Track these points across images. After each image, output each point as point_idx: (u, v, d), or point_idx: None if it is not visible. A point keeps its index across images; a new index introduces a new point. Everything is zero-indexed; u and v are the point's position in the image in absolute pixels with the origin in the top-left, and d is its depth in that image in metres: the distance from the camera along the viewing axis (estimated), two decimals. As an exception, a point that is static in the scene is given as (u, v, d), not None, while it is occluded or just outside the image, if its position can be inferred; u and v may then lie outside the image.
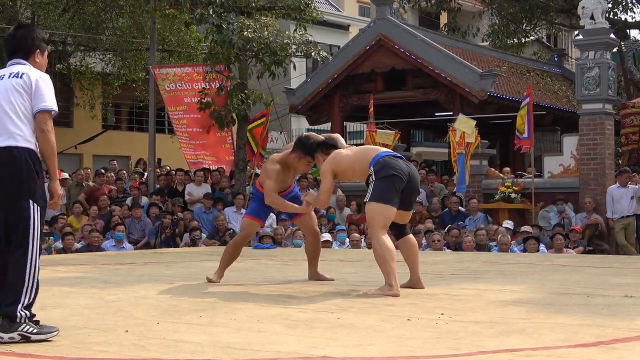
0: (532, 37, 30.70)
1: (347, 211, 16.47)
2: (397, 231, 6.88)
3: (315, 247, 7.55)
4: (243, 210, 15.47)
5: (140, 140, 23.37)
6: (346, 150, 6.84)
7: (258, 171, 17.49)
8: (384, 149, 6.84)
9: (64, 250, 12.92)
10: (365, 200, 6.55)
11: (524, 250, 12.72)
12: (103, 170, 17.20)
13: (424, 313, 5.40)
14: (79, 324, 4.99)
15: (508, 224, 14.62)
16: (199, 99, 16.74)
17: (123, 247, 13.57)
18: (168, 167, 18.62)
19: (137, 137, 27.85)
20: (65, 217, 14.70)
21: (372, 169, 6.44)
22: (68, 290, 6.66)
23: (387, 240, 6.41)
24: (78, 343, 4.35)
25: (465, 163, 15.48)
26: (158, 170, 18.14)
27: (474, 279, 7.77)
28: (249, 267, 9.43)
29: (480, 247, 13.28)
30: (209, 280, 7.27)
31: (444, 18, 34.93)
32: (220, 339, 4.44)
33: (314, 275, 7.55)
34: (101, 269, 9.16)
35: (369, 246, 13.81)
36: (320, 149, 6.94)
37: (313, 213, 7.61)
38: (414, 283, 6.88)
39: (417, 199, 15.90)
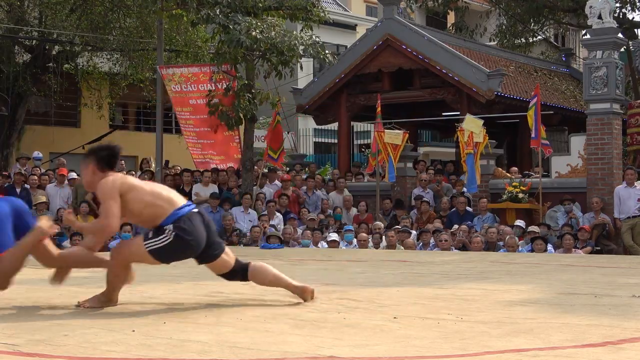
0: (539, 37, 30.68)
1: (354, 211, 16.47)
2: (238, 276, 5.98)
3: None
4: (250, 210, 15.51)
5: (148, 140, 23.36)
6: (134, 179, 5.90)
7: (265, 170, 17.55)
8: (183, 200, 5.82)
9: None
10: (145, 243, 5.57)
11: (532, 251, 12.70)
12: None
13: (431, 313, 5.39)
14: (86, 323, 5.00)
15: (520, 222, 14.58)
16: (206, 100, 16.75)
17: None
18: (179, 168, 18.64)
19: (144, 137, 27.85)
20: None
21: (171, 225, 5.54)
22: (75, 290, 6.66)
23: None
24: (85, 343, 4.35)
25: (475, 163, 15.45)
26: (167, 171, 18.16)
27: (481, 279, 7.75)
28: (256, 267, 9.43)
29: (490, 246, 13.27)
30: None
31: (451, 18, 34.95)
32: (227, 339, 4.44)
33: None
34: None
35: (376, 246, 13.83)
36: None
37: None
38: (300, 292, 6.00)
39: (424, 198, 16.02)
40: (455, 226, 14.36)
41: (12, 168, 18.59)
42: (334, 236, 14.13)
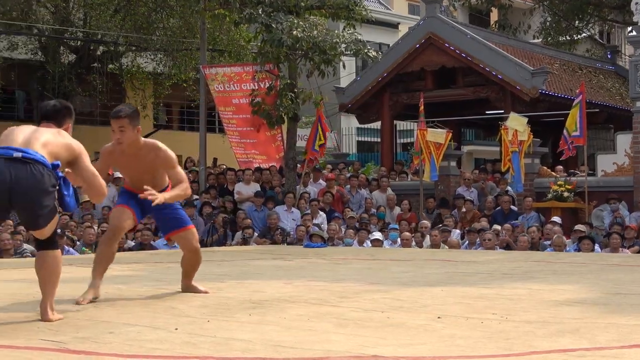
0: (584, 34, 30.34)
1: (397, 210, 16.42)
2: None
3: (193, 263, 6.53)
4: (293, 209, 15.54)
5: (192, 140, 23.49)
6: None
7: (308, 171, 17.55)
8: None
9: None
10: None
11: (578, 250, 12.56)
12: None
13: (475, 313, 5.35)
14: (131, 321, 5.03)
15: (556, 219, 14.43)
16: (249, 100, 16.80)
17: (175, 245, 13.61)
18: (224, 166, 18.73)
19: (188, 136, 28.00)
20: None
21: None
22: (120, 288, 6.71)
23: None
24: (130, 340, 4.38)
25: (519, 161, 15.34)
26: (211, 170, 18.25)
27: (526, 279, 7.68)
28: (299, 266, 9.45)
29: (534, 245, 13.15)
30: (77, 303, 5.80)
31: (494, 15, 34.72)
32: (271, 337, 4.44)
33: (188, 288, 6.57)
34: (154, 267, 9.24)
35: (419, 245, 13.77)
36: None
37: (194, 230, 6.53)
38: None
39: (468, 197, 15.90)
40: (497, 227, 14.20)
41: (58, 167, 18.76)
42: (377, 235, 14.10)
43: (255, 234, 14.68)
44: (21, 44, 23.27)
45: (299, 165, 17.24)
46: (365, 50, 16.62)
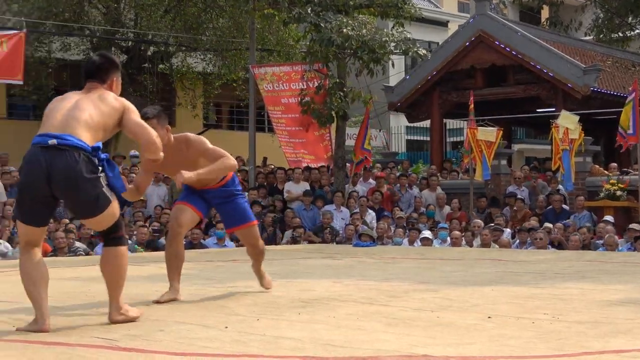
0: (637, 31, 29.90)
1: (446, 209, 16.34)
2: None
3: (256, 255, 6.56)
4: (343, 208, 15.54)
5: (241, 139, 23.58)
6: None
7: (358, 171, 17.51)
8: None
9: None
10: None
11: (633, 250, 12.38)
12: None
13: (526, 312, 5.31)
14: (181, 319, 5.07)
15: (609, 218, 14.23)
16: (298, 99, 16.84)
17: (225, 244, 13.72)
18: (272, 166, 18.81)
19: (237, 135, 28.13)
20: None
21: None
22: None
23: (24, 261, 4.83)
24: (181, 338, 4.42)
25: (570, 160, 15.17)
26: (261, 169, 18.33)
27: (578, 278, 7.60)
28: (348, 265, 9.45)
29: (586, 245, 12.99)
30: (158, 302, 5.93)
31: (545, 12, 34.38)
32: (321, 336, 4.45)
33: (257, 272, 6.64)
34: (204, 266, 9.30)
35: (469, 244, 13.69)
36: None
37: (256, 227, 6.56)
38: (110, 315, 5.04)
39: (519, 196, 15.77)
40: (548, 225, 14.04)
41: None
42: (427, 234, 14.05)
43: (305, 233, 14.70)
44: (73, 45, 23.56)
45: (348, 165, 17.21)
46: (415, 49, 16.56)
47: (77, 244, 12.42)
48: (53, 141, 4.61)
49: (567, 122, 15.28)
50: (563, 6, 30.76)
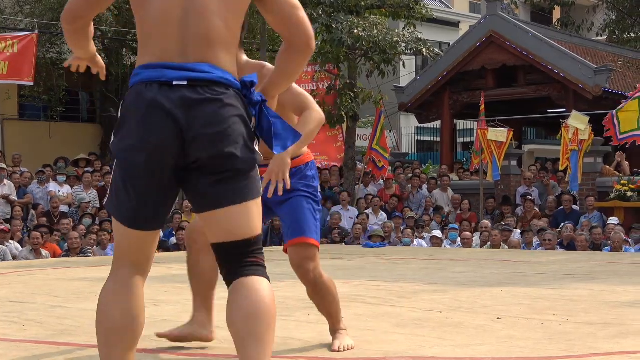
0: (649, 31, 29.83)
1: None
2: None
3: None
4: (350, 207, 15.51)
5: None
6: None
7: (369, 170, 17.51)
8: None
9: (177, 247, 13.09)
10: None
11: (642, 250, 12.35)
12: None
13: (535, 313, 5.30)
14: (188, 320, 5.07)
15: (614, 220, 14.16)
16: (309, 100, 16.84)
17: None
18: None
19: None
20: (180, 213, 14.94)
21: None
22: (181, 287, 6.76)
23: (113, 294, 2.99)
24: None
25: (578, 160, 15.13)
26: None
27: (587, 279, 7.58)
28: (357, 266, 9.44)
29: (596, 246, 12.96)
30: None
31: (557, 13, 34.31)
32: (329, 337, 4.44)
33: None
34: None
35: (483, 244, 13.64)
36: None
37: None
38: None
39: (530, 197, 15.72)
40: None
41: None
42: (437, 232, 14.03)
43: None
44: (85, 46, 23.62)
45: (361, 165, 17.16)
46: (426, 48, 16.56)
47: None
48: (181, 79, 2.74)
49: (578, 123, 15.25)
50: (574, 7, 30.69)
